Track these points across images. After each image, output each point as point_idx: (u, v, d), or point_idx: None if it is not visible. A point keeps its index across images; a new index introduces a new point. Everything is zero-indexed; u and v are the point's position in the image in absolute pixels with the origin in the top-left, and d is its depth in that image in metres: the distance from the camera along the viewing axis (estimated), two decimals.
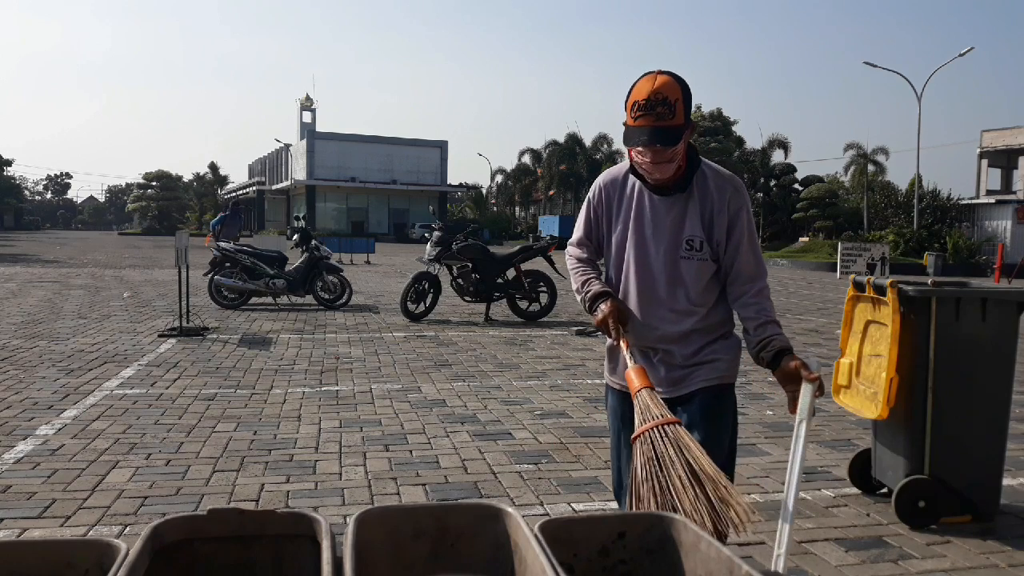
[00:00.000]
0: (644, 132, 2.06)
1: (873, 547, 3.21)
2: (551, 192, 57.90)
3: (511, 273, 10.58)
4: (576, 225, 2.49)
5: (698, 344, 2.25)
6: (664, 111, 2.04)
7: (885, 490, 3.76)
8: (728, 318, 2.31)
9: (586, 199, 2.42)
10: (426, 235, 14.76)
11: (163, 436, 4.63)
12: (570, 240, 2.52)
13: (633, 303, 2.28)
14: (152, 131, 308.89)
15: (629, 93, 2.11)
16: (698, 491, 1.68)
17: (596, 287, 2.31)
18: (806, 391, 1.96)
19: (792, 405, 2.04)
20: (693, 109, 2.29)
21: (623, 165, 2.33)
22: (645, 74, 2.10)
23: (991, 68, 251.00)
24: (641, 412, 1.96)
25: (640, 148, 2.12)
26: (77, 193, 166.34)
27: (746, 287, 2.22)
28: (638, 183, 2.26)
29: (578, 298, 2.40)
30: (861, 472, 3.88)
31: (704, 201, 2.20)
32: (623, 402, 2.31)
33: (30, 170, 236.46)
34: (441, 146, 60.84)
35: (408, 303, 10.32)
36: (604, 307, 2.25)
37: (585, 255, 2.43)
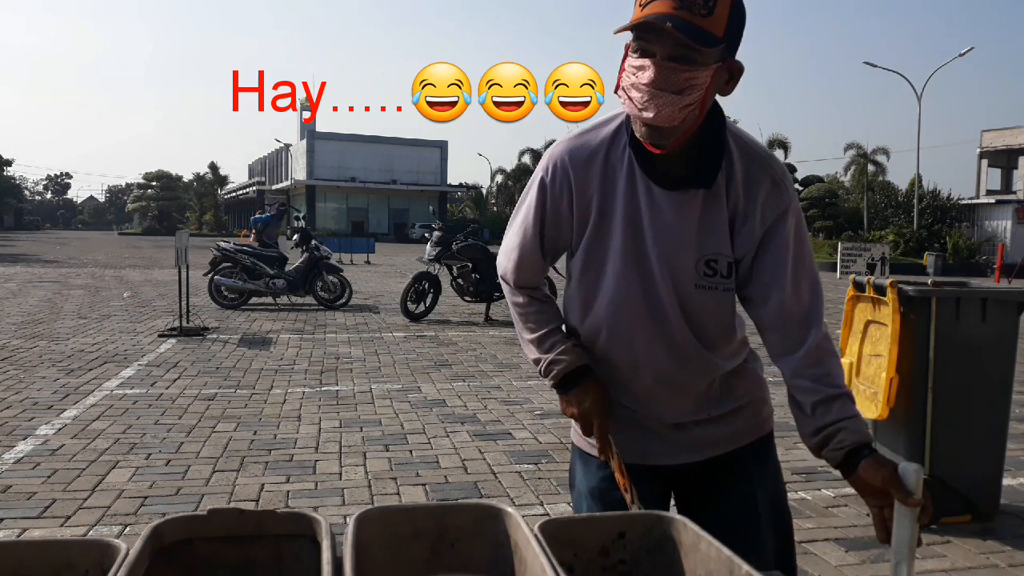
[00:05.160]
0: (658, 18, 1.20)
1: (873, 547, 3.21)
2: None
3: None
4: (513, 225, 1.54)
5: (723, 386, 1.54)
6: (697, 0, 1.21)
7: None
8: (744, 337, 1.55)
9: (535, 182, 1.47)
10: (426, 235, 14.77)
11: (163, 436, 4.63)
12: (503, 248, 1.57)
13: (627, 355, 1.48)
14: (152, 131, 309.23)
15: None
16: None
17: (568, 355, 1.47)
18: (903, 517, 1.22)
19: (880, 530, 1.25)
20: None
21: (598, 130, 1.44)
22: None
23: (991, 68, 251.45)
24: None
25: (641, 51, 1.25)
26: (77, 193, 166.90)
27: (797, 337, 1.38)
28: (628, 161, 1.39)
29: (530, 355, 1.54)
30: None
31: (730, 197, 1.38)
32: (612, 481, 1.48)
33: (30, 170, 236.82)
34: (441, 146, 60.83)
35: (408, 303, 10.32)
36: (587, 403, 1.45)
37: (531, 281, 1.54)
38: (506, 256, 1.56)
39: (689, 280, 1.40)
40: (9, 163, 71.34)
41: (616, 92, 1.33)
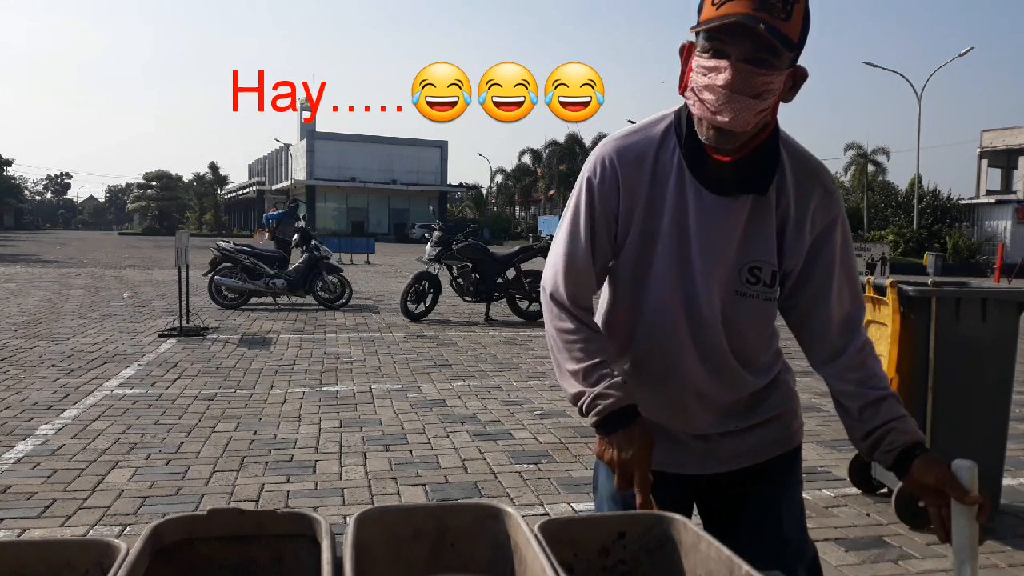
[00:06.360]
0: (749, 19, 1.17)
1: (873, 547, 3.21)
2: (551, 192, 57.86)
3: (511, 273, 10.58)
4: (559, 235, 1.45)
5: (752, 398, 1.50)
6: (776, 3, 1.18)
7: (885, 490, 3.76)
8: (778, 350, 1.53)
9: (582, 184, 1.41)
10: (426, 235, 14.78)
11: (163, 436, 4.63)
12: (549, 262, 1.47)
13: (660, 360, 1.44)
14: (152, 131, 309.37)
15: None
16: None
17: (618, 392, 1.34)
18: (961, 516, 1.23)
19: (940, 530, 1.29)
20: None
21: (646, 131, 1.39)
22: None
23: (991, 68, 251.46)
24: None
25: (713, 52, 1.22)
26: (77, 193, 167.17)
27: (841, 343, 1.39)
28: (677, 164, 1.36)
29: (570, 389, 1.40)
30: (861, 472, 3.88)
31: (780, 205, 1.37)
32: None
33: (30, 170, 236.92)
34: (441, 146, 60.83)
35: (408, 303, 10.33)
36: (631, 453, 1.31)
37: (583, 296, 1.43)
38: (553, 269, 1.44)
39: (731, 286, 1.38)
40: (9, 163, 71.41)
41: (682, 93, 1.31)
